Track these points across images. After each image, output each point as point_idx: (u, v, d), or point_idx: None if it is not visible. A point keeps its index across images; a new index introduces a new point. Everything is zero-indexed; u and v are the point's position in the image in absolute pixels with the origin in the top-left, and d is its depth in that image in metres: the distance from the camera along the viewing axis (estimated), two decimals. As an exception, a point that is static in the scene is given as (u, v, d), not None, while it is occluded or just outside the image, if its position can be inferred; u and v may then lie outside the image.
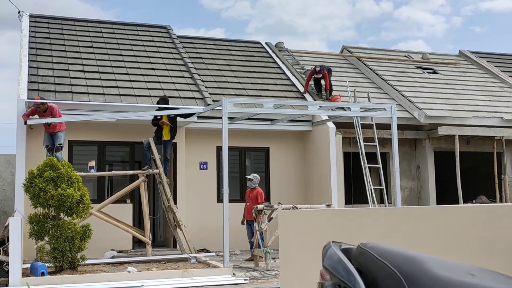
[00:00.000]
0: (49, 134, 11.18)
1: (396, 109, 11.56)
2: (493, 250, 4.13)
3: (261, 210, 10.83)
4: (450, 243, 4.20)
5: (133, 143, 12.91)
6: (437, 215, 4.53)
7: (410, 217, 4.55)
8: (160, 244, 13.82)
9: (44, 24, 15.25)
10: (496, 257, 4.09)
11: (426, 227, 4.33)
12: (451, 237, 4.24)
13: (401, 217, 4.58)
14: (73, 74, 13.13)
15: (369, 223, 4.50)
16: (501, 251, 4.10)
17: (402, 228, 4.38)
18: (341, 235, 3.53)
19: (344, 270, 2.00)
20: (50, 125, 11.07)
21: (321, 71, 14.82)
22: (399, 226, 4.41)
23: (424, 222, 4.38)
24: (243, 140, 13.84)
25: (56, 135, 11.13)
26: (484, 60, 19.89)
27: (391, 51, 19.84)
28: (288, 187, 14.14)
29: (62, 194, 8.89)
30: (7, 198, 14.67)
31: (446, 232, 4.26)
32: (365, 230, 4.41)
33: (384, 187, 13.66)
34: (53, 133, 11.13)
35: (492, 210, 4.60)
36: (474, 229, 4.26)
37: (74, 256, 9.14)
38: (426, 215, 4.59)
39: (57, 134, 11.13)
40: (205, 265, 10.23)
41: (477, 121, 15.21)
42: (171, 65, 14.74)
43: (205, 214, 13.11)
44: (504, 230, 4.19)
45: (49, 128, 11.13)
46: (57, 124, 11.11)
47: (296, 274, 4.68)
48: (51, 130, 11.13)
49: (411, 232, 4.32)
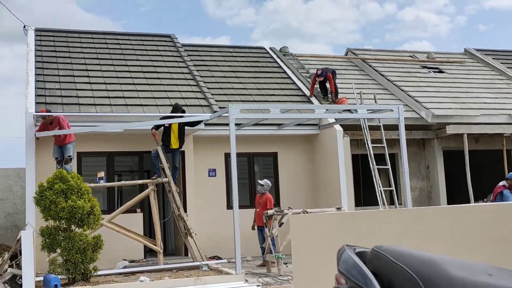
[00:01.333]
0: (59, 146, 11.22)
1: (403, 109, 11.52)
2: (508, 248, 4.10)
3: (271, 215, 10.82)
4: (464, 242, 4.17)
5: (141, 153, 12.94)
6: (449, 215, 4.51)
7: (422, 217, 4.52)
8: (171, 252, 13.82)
9: (49, 38, 15.34)
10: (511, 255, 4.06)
11: (438, 228, 4.30)
12: (464, 236, 4.21)
13: (413, 218, 4.56)
14: (79, 86, 13.19)
15: (381, 225, 4.48)
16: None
17: (415, 229, 4.36)
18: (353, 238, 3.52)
19: (359, 274, 1.99)
20: (61, 135, 11.12)
21: (323, 73, 14.79)
22: (411, 227, 4.38)
23: (437, 222, 4.36)
24: (251, 146, 13.84)
25: (66, 147, 11.17)
26: (490, 57, 19.81)
27: (396, 52, 19.80)
28: (297, 191, 14.11)
29: (73, 206, 8.91)
30: (18, 212, 14.74)
31: (459, 232, 4.23)
32: (377, 233, 4.39)
33: (393, 188, 13.61)
34: (62, 145, 11.17)
35: (505, 208, 4.57)
36: (488, 228, 4.23)
37: (87, 267, 9.15)
38: (438, 215, 4.56)
39: (66, 146, 11.17)
40: (217, 272, 10.21)
41: (485, 119, 15.14)
42: (176, 74, 14.78)
43: (216, 221, 13.11)
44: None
45: (59, 139, 11.16)
46: (66, 135, 11.15)
47: (310, 278, 4.66)
48: (61, 143, 11.17)
49: (424, 233, 4.30)
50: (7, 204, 15.00)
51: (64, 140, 11.15)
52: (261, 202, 11.67)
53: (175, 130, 12.08)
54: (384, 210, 11.31)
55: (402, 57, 19.07)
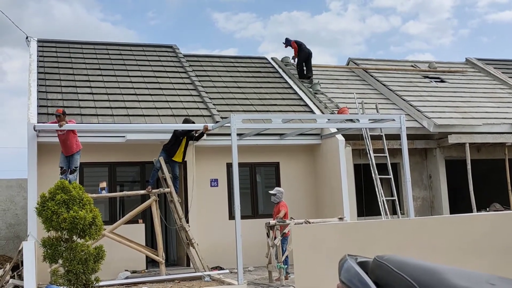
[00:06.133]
0: (66, 156, 11.24)
1: (405, 119, 11.53)
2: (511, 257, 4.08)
3: (273, 225, 10.78)
4: (466, 252, 4.16)
5: (143, 163, 12.95)
6: (452, 225, 4.49)
7: (425, 227, 4.51)
8: (173, 263, 13.78)
9: (51, 49, 15.41)
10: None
11: (441, 237, 4.29)
12: (467, 246, 4.20)
13: (415, 227, 4.55)
14: (81, 96, 13.23)
15: (383, 235, 4.47)
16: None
17: (417, 239, 4.35)
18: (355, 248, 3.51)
19: (361, 283, 1.98)
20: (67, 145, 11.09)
21: (288, 42, 17.22)
22: (413, 237, 4.37)
23: (439, 232, 4.35)
24: (253, 156, 13.83)
25: (73, 158, 11.18)
26: (491, 66, 19.84)
27: (397, 62, 19.83)
28: (299, 202, 14.08)
29: (75, 217, 8.89)
30: (20, 223, 14.73)
31: (462, 241, 4.22)
32: (379, 242, 4.38)
33: (396, 198, 13.58)
34: (70, 155, 11.18)
35: (507, 218, 4.55)
36: (490, 237, 4.22)
37: (88, 278, 9.12)
38: (441, 224, 4.55)
39: (73, 157, 11.18)
40: (219, 282, 10.18)
41: (487, 128, 15.13)
42: (178, 84, 14.82)
43: (218, 231, 13.08)
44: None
45: (67, 149, 11.13)
46: (73, 145, 11.14)
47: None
48: (68, 153, 11.16)
49: (426, 243, 4.28)
50: (9, 214, 15.00)
51: (71, 150, 11.15)
52: (275, 211, 11.54)
53: (182, 144, 12.14)
54: (386, 220, 11.29)
55: (403, 67, 19.10)
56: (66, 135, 11.10)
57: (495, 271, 2.43)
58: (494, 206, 15.03)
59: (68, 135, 11.12)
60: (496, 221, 4.46)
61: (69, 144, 11.13)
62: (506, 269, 3.89)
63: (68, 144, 11.12)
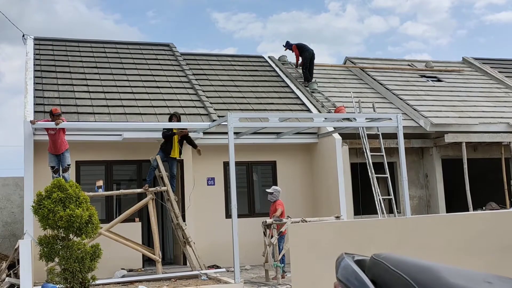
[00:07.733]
0: (55, 155, 11.21)
1: (401, 118, 11.54)
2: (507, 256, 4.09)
3: (270, 224, 10.79)
4: (463, 251, 4.16)
5: (140, 161, 12.93)
6: (448, 223, 4.50)
7: (421, 226, 4.52)
8: (170, 261, 13.77)
9: (48, 47, 15.37)
10: (511, 263, 4.05)
11: (437, 236, 4.30)
12: (463, 244, 4.21)
13: (412, 226, 4.55)
14: (78, 95, 13.21)
15: (380, 233, 4.48)
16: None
17: (414, 238, 4.36)
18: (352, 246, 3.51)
19: (358, 282, 1.98)
20: (56, 145, 11.06)
21: (288, 45, 17.11)
22: (410, 235, 4.38)
23: (436, 230, 4.35)
24: (250, 155, 13.83)
25: (63, 156, 11.17)
26: (488, 66, 19.87)
27: (394, 61, 19.83)
28: (296, 200, 14.09)
29: (71, 215, 8.88)
30: (16, 221, 14.68)
31: (458, 240, 4.23)
32: (376, 241, 4.38)
33: (392, 196, 13.60)
34: (59, 154, 11.16)
35: (503, 216, 4.56)
36: (487, 236, 4.23)
37: (85, 276, 9.11)
38: (437, 223, 4.56)
39: (64, 155, 11.17)
40: (216, 281, 10.18)
41: (483, 128, 15.15)
42: (175, 82, 14.80)
43: (214, 230, 13.07)
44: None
45: (56, 148, 11.11)
46: (62, 143, 11.12)
47: (309, 286, 4.65)
48: (57, 152, 11.14)
49: (423, 242, 4.29)
50: (5, 213, 14.96)
51: (61, 148, 11.14)
52: (271, 209, 11.54)
53: (175, 140, 12.12)
54: (383, 218, 11.30)
55: (400, 66, 19.11)
56: (57, 134, 11.09)
57: (491, 269, 2.43)
58: (490, 205, 15.06)
59: (59, 134, 11.11)
60: (493, 220, 4.47)
61: (59, 143, 11.12)
62: (502, 267, 3.90)
63: (59, 142, 11.11)
